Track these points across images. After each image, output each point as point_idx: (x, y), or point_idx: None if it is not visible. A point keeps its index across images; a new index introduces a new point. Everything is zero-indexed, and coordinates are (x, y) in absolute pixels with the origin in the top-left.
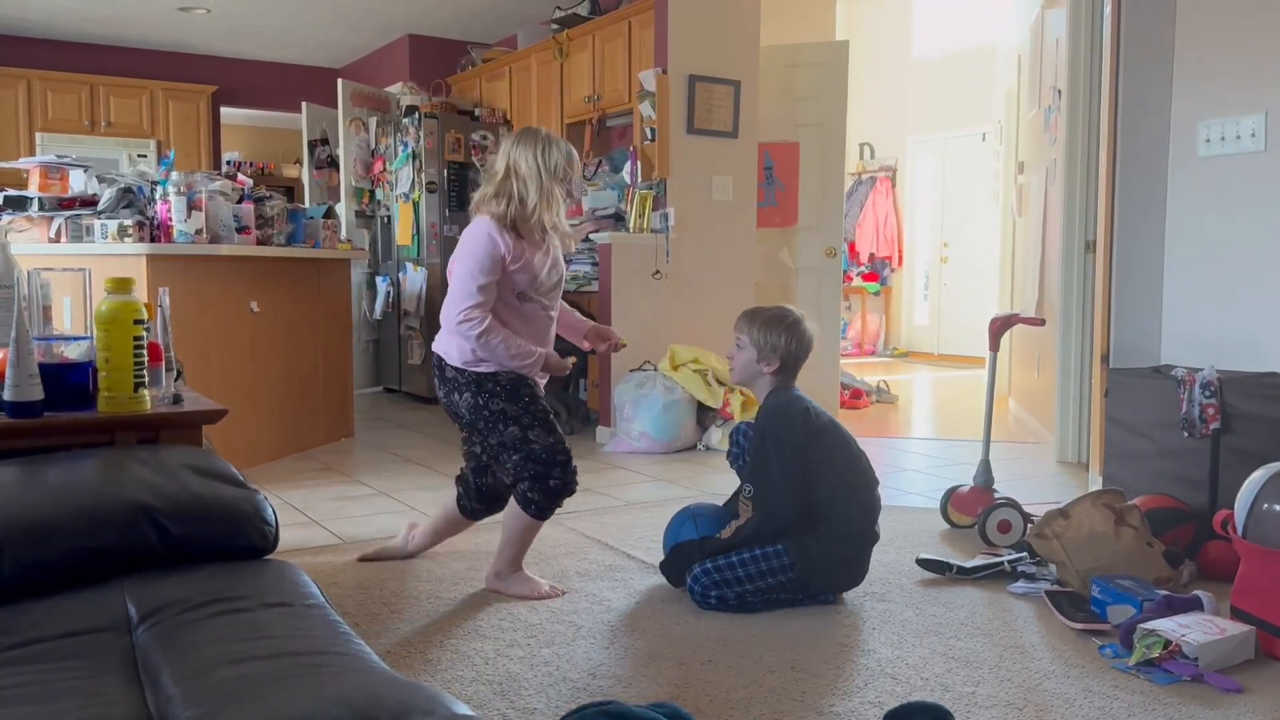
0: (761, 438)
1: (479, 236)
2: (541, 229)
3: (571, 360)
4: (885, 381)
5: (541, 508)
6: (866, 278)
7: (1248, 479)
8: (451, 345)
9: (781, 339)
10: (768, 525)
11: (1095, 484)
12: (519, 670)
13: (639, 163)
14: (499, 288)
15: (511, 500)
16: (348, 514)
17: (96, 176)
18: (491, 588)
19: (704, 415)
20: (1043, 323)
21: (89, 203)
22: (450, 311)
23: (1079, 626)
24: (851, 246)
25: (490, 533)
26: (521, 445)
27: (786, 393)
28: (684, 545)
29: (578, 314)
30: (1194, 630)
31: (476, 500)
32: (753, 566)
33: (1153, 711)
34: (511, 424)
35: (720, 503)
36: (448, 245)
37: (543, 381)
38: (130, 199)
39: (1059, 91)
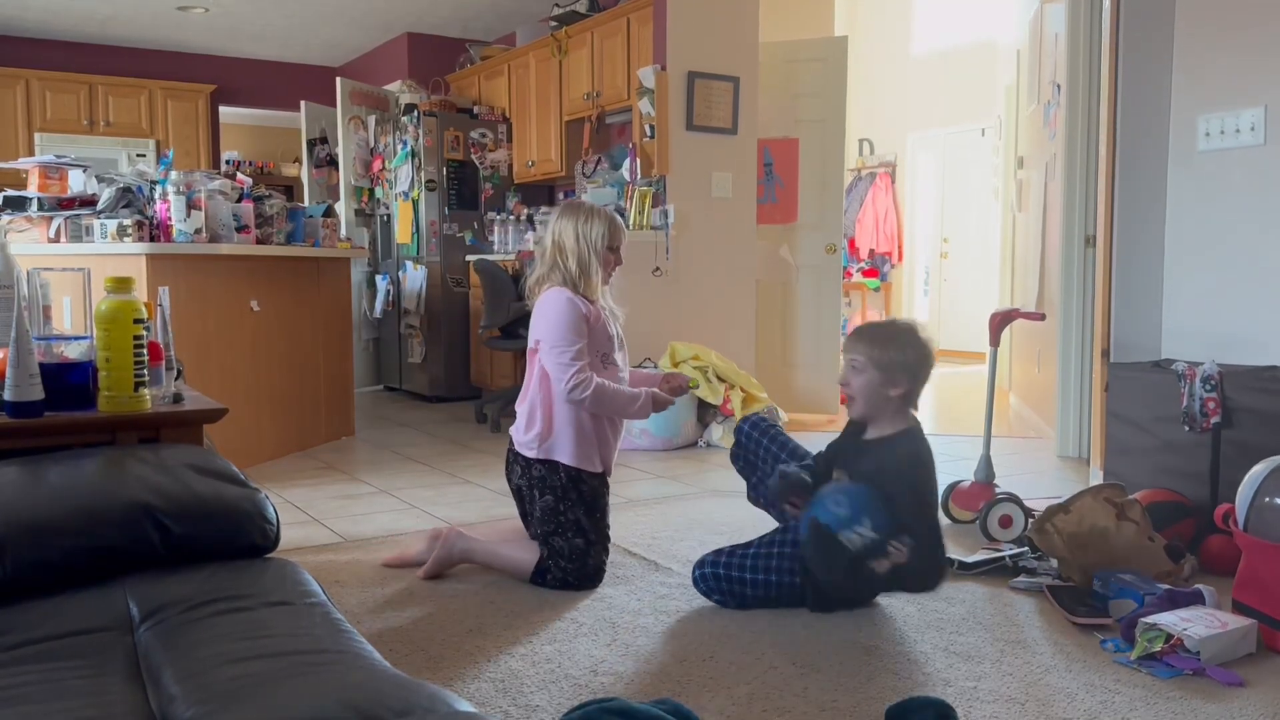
0: (919, 493)
1: (558, 303)
2: (594, 292)
3: (669, 399)
4: None
5: (546, 585)
6: (867, 274)
7: (1249, 473)
8: (541, 435)
9: (907, 353)
10: (915, 583)
11: (1096, 479)
12: (521, 667)
13: (638, 160)
14: (588, 352)
15: (530, 551)
16: (349, 512)
17: (95, 176)
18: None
19: (705, 412)
20: (1043, 317)
21: (88, 202)
22: (557, 387)
23: (1081, 621)
24: (851, 243)
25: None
26: (579, 558)
27: (921, 433)
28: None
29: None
30: (1196, 624)
31: None
32: (761, 574)
33: (1155, 705)
34: (580, 537)
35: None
36: (447, 244)
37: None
38: (130, 199)
39: (1058, 86)
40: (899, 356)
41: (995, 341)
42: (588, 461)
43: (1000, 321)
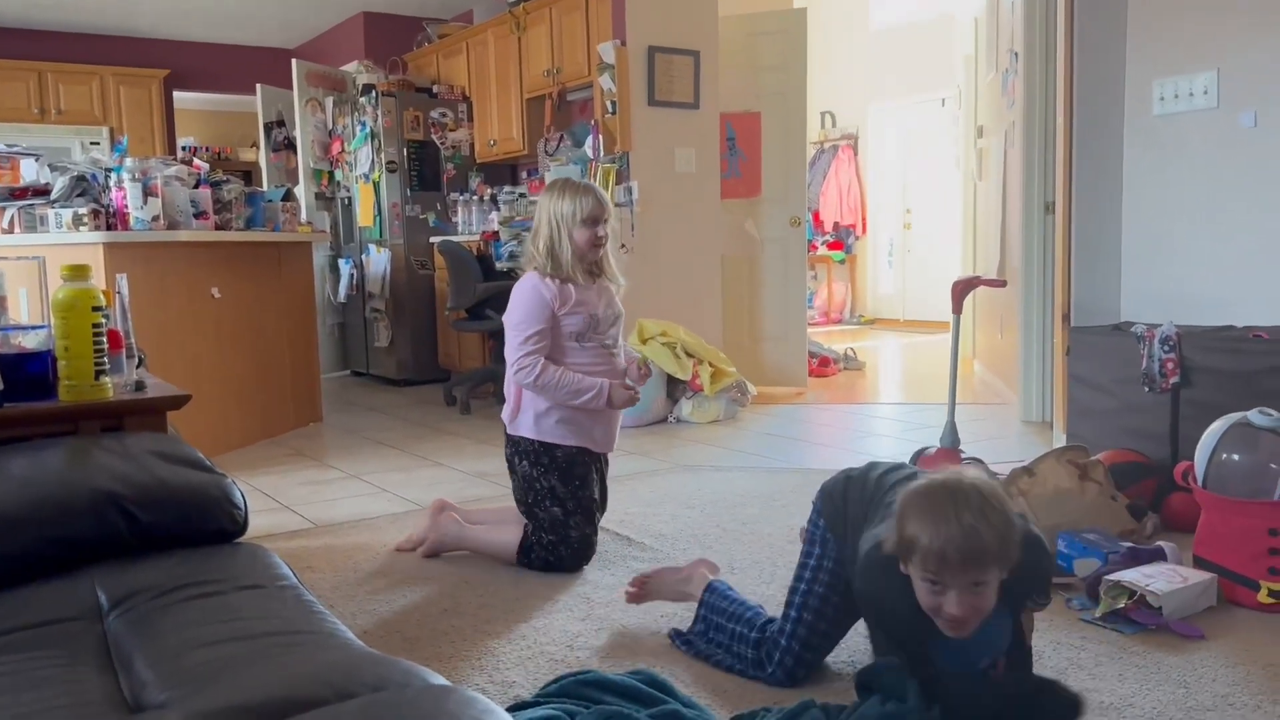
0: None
1: (522, 289)
2: (586, 273)
3: (628, 393)
4: (852, 349)
5: (533, 566)
6: (831, 246)
7: (1207, 430)
8: (511, 411)
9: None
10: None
11: (1059, 441)
12: (497, 645)
13: (601, 136)
14: (556, 335)
15: (515, 531)
16: (320, 498)
17: (48, 165)
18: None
19: (674, 388)
20: (1004, 284)
21: (41, 192)
22: (507, 367)
23: None
24: (816, 216)
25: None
26: (560, 528)
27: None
28: None
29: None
30: (1158, 580)
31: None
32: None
33: (1120, 660)
34: (557, 505)
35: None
36: (411, 226)
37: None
38: (84, 187)
39: (1016, 55)
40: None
41: (958, 309)
42: (556, 436)
43: (962, 289)
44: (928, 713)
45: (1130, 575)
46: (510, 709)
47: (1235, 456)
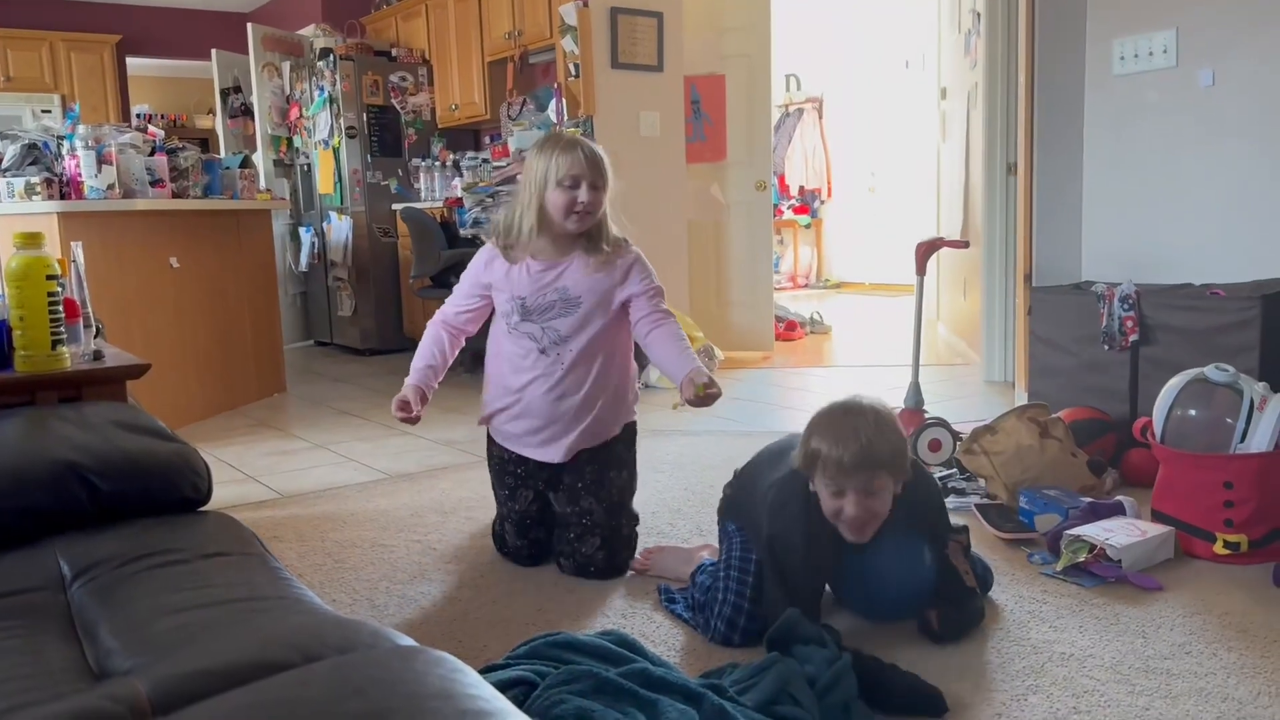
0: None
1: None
2: (561, 246)
3: (397, 413)
4: (819, 312)
5: None
6: (797, 210)
7: (1165, 387)
8: None
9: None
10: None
11: (1021, 400)
12: (467, 610)
13: (564, 100)
14: (495, 309)
15: None
16: (284, 468)
17: None
18: None
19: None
20: (967, 245)
21: None
22: None
23: (1008, 536)
24: (781, 179)
25: (431, 480)
26: (497, 519)
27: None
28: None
29: (682, 345)
30: (1117, 534)
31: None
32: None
33: (1080, 613)
34: (496, 499)
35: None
36: (372, 192)
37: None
38: (36, 155)
39: (978, 15)
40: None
41: (921, 270)
42: (499, 433)
43: (925, 250)
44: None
45: (1090, 530)
46: (480, 671)
47: (1192, 412)
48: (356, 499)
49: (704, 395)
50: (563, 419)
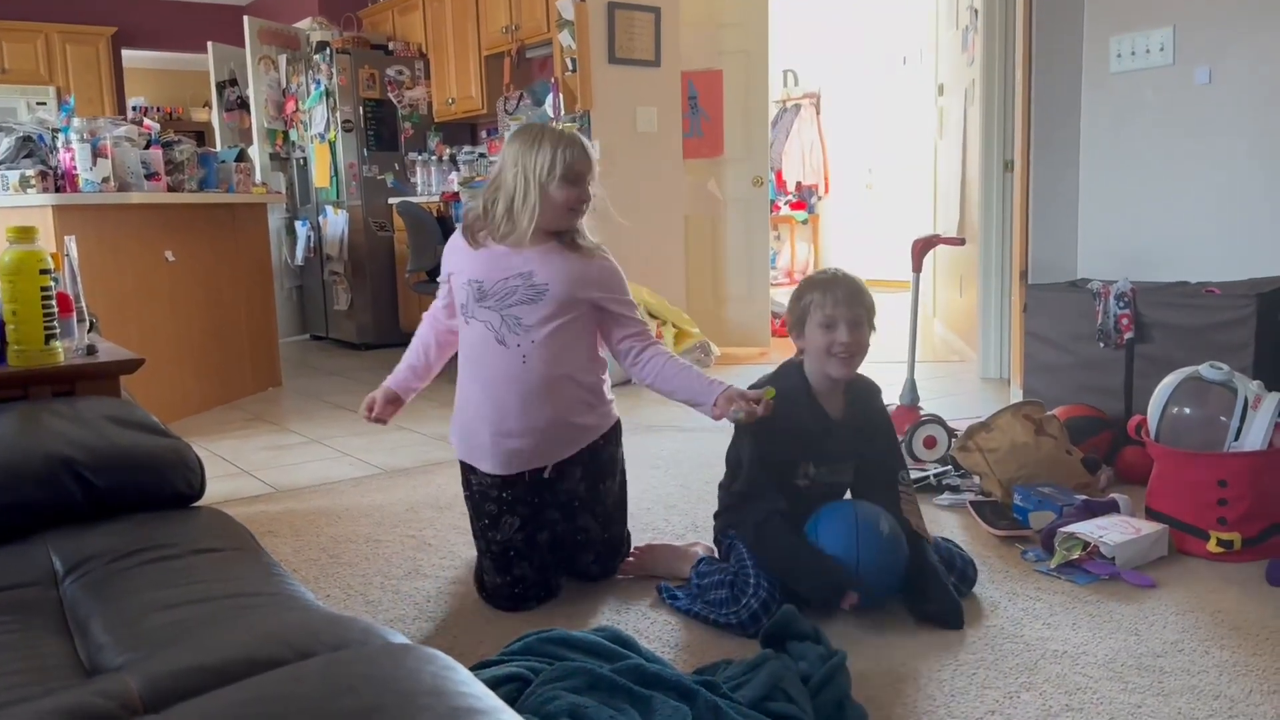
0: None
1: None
2: (544, 240)
3: (371, 416)
4: None
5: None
6: (794, 206)
7: (1159, 385)
8: None
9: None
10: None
11: (1016, 397)
12: (462, 606)
13: (561, 95)
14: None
15: None
16: (279, 463)
17: None
18: None
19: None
20: (963, 242)
21: None
22: None
23: (1002, 533)
24: (778, 175)
25: (426, 476)
26: (479, 560)
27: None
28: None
29: (693, 370)
30: (1111, 531)
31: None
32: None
33: (1073, 610)
34: (475, 537)
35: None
36: (368, 186)
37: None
38: (31, 148)
39: (976, 11)
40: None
41: (918, 267)
42: (465, 449)
43: (922, 247)
44: (833, 657)
45: (1084, 527)
46: (473, 667)
47: (1187, 410)
48: (351, 494)
49: (770, 401)
50: (535, 422)
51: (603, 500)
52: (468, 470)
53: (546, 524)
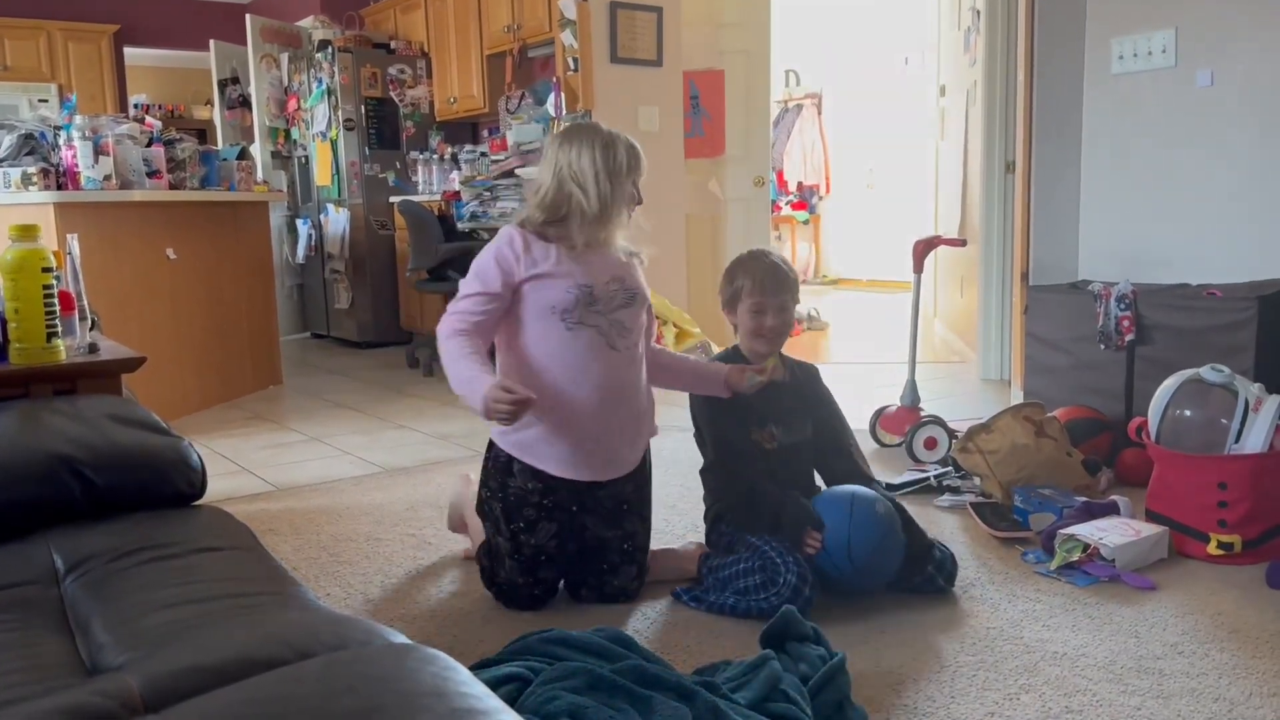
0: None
1: (494, 240)
2: (605, 241)
3: (506, 407)
4: (816, 309)
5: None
6: (795, 206)
7: (1160, 387)
8: None
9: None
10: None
11: (1017, 398)
12: (462, 605)
13: (563, 94)
14: (529, 304)
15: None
16: (280, 461)
17: None
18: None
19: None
20: (964, 243)
21: None
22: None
23: (1002, 535)
24: (780, 175)
25: (427, 474)
26: (492, 562)
27: None
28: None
29: (701, 360)
30: (1111, 533)
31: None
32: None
33: (1073, 612)
34: (496, 534)
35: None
36: (370, 185)
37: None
38: (33, 145)
39: (978, 13)
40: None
41: (919, 268)
42: (534, 453)
43: (923, 249)
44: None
45: (1084, 529)
46: (473, 667)
47: (1187, 412)
48: (352, 493)
49: (773, 368)
50: (627, 425)
51: (648, 502)
52: (504, 473)
53: (577, 531)
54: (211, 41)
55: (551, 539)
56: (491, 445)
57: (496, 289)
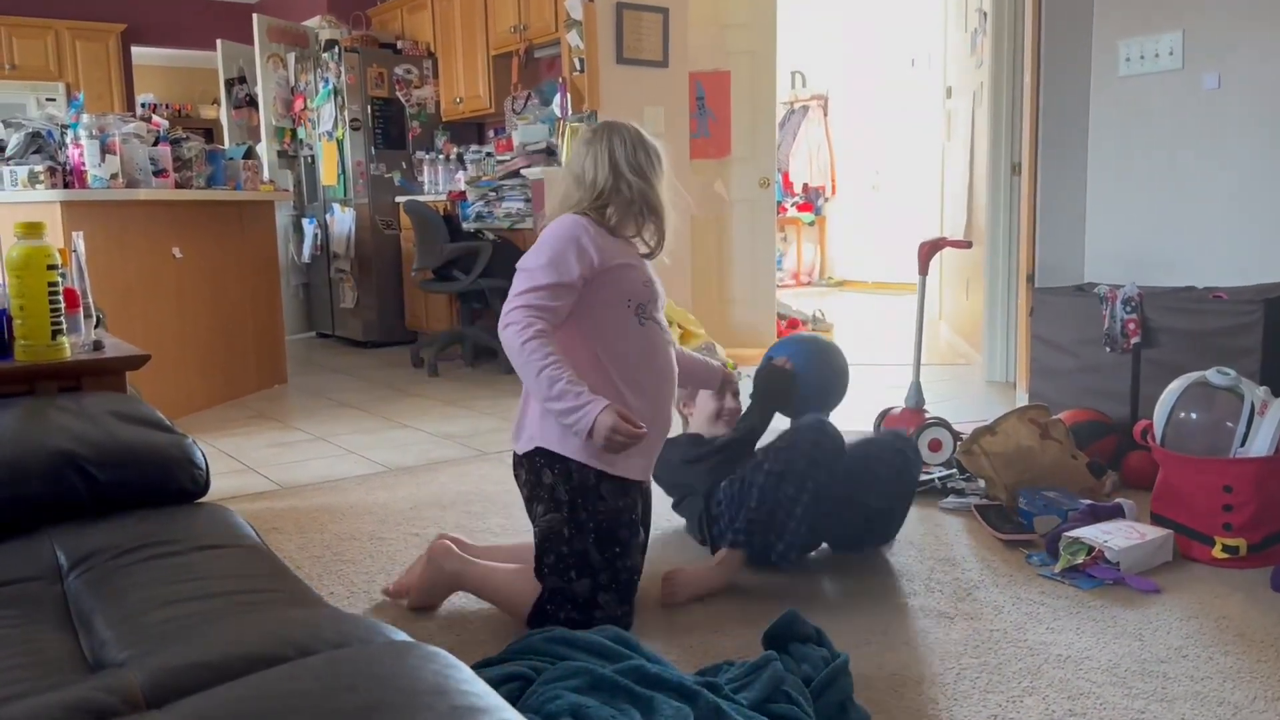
0: None
1: (560, 227)
2: (661, 236)
3: (623, 440)
4: (821, 310)
5: (543, 621)
6: (801, 208)
7: (1166, 390)
8: (533, 420)
9: None
10: None
11: (1022, 401)
12: (465, 604)
13: (569, 95)
14: (604, 296)
15: (531, 580)
16: (284, 460)
17: (2, 122)
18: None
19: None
20: (969, 245)
21: None
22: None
23: (1007, 537)
24: (785, 177)
25: (431, 474)
26: (584, 607)
27: None
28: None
29: (697, 355)
30: (1116, 536)
31: None
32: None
33: (1077, 614)
34: (585, 576)
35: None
36: (375, 185)
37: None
38: (40, 144)
39: (984, 14)
40: None
41: (924, 270)
42: (620, 461)
43: (928, 250)
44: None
45: (1089, 532)
46: (476, 666)
47: (1193, 415)
48: (355, 491)
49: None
50: (669, 419)
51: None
52: (594, 496)
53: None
54: (219, 41)
55: (641, 554)
56: (565, 468)
57: (573, 278)
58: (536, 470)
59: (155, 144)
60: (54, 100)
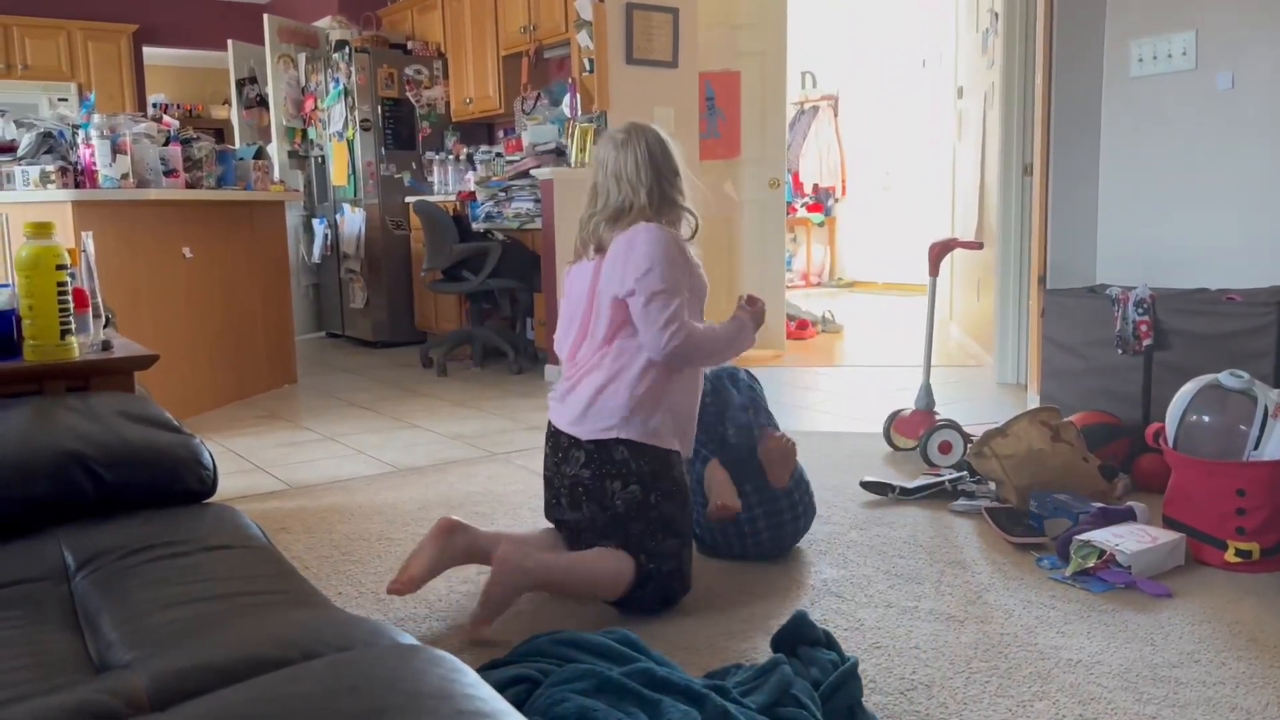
0: None
1: (659, 241)
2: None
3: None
4: (831, 311)
5: (646, 605)
6: (811, 209)
7: (1178, 392)
8: (614, 411)
9: None
10: None
11: (1033, 403)
12: (472, 605)
13: (578, 95)
14: (690, 300)
15: (613, 559)
16: (293, 460)
17: (14, 121)
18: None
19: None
20: (980, 246)
21: (7, 149)
22: (652, 344)
23: (1017, 540)
24: (795, 177)
25: (439, 474)
26: (676, 562)
27: None
28: None
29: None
30: (1127, 539)
31: None
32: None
33: (1088, 618)
34: (673, 536)
35: None
36: (385, 185)
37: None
38: (51, 144)
39: (996, 15)
40: None
41: (935, 271)
42: (682, 441)
43: (939, 251)
44: (847, 666)
45: (1100, 535)
46: (483, 668)
47: (1205, 418)
48: (364, 492)
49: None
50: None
51: None
52: (672, 466)
53: None
54: (229, 41)
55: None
56: (643, 450)
57: (687, 290)
58: (607, 450)
59: (166, 144)
60: (66, 100)
